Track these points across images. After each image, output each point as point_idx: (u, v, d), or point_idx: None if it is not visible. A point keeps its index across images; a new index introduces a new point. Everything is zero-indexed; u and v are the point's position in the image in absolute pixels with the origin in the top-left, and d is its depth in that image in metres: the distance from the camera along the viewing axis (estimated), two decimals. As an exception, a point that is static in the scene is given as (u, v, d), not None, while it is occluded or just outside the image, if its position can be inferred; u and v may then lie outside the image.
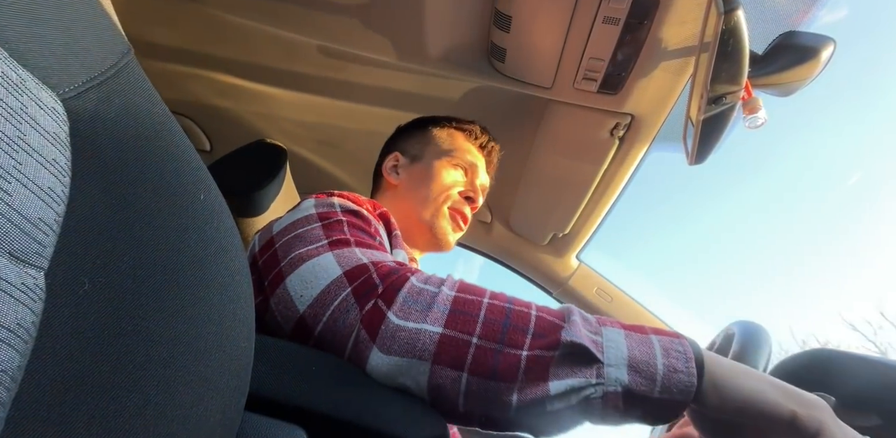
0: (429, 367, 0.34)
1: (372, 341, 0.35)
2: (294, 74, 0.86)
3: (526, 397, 0.33)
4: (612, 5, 0.57)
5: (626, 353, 0.34)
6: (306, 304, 0.38)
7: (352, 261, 0.40)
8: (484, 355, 0.34)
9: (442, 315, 0.36)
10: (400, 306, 0.36)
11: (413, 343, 0.35)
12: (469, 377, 0.34)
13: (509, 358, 0.33)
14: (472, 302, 0.37)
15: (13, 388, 0.15)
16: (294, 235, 0.45)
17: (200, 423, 0.22)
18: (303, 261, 0.41)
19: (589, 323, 0.37)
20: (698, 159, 0.62)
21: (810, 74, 0.54)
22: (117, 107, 0.22)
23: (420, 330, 0.35)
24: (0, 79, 0.16)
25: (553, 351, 0.34)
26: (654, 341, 0.35)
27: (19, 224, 0.16)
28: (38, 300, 0.16)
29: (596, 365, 0.33)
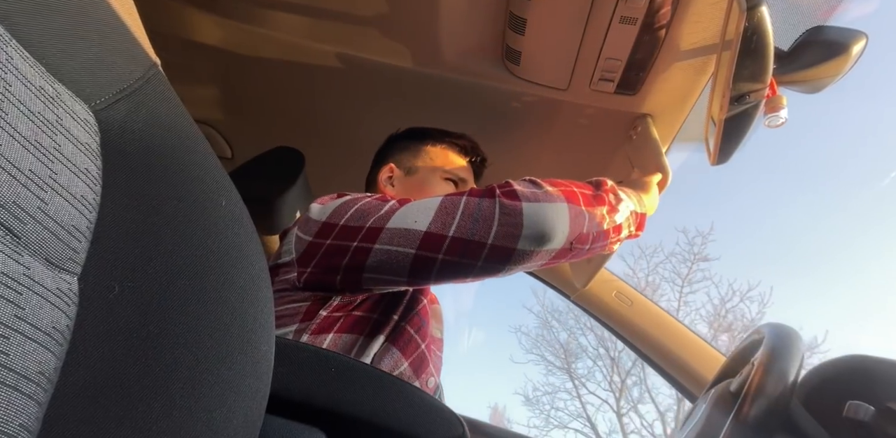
0: (566, 207, 0.48)
1: (517, 200, 0.47)
2: (311, 82, 0.87)
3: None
4: (629, 5, 0.56)
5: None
6: (427, 222, 0.47)
7: (438, 197, 0.51)
8: (581, 194, 0.52)
9: (557, 193, 0.50)
10: (519, 184, 0.49)
11: (547, 193, 0.49)
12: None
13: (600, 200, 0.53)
14: (557, 183, 0.53)
15: (50, 389, 0.15)
16: (355, 210, 0.52)
17: (224, 425, 0.22)
18: (394, 211, 0.50)
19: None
20: (720, 159, 0.60)
21: (840, 70, 0.51)
22: (144, 118, 0.23)
23: (546, 191, 0.50)
24: (38, 93, 0.17)
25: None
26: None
27: (55, 231, 0.16)
28: (73, 304, 0.17)
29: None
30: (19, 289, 0.14)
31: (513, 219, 0.46)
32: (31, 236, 0.16)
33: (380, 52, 0.77)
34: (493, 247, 0.46)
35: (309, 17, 0.75)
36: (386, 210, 0.50)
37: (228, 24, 0.81)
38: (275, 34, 0.80)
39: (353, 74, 0.83)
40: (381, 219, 0.49)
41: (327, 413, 0.33)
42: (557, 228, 0.47)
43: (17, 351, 0.14)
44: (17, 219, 0.15)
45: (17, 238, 0.15)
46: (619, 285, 1.03)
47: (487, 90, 0.78)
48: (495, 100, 0.80)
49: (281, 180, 0.84)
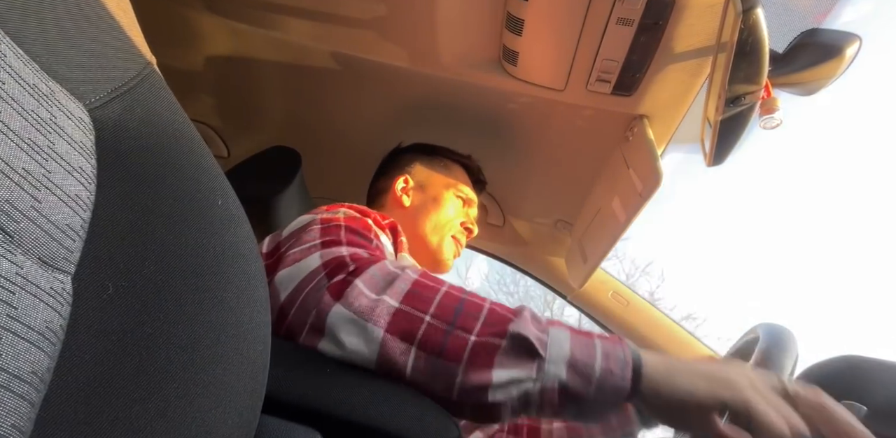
0: (381, 334, 0.36)
1: (335, 300, 0.38)
2: (308, 81, 0.87)
3: (469, 380, 0.35)
4: (626, 6, 0.57)
5: (568, 352, 0.36)
6: (286, 294, 0.41)
7: (332, 254, 0.43)
8: (434, 333, 0.36)
9: (401, 291, 0.38)
10: (367, 277, 0.39)
11: (372, 309, 0.37)
12: (417, 351, 0.36)
13: (458, 340, 0.36)
14: (431, 288, 0.39)
15: (42, 389, 0.15)
16: (296, 239, 0.48)
17: (218, 426, 0.22)
18: (294, 262, 0.44)
19: (538, 321, 0.39)
20: (716, 160, 0.61)
21: (834, 73, 0.52)
22: (140, 116, 0.22)
23: (380, 300, 0.38)
24: (31, 91, 0.17)
25: (500, 339, 0.36)
26: (596, 344, 0.37)
27: (48, 230, 0.16)
28: (66, 303, 0.17)
29: (538, 359, 0.35)
30: (12, 289, 0.14)
31: (319, 322, 0.37)
32: (25, 235, 0.15)
33: (377, 51, 0.77)
34: (303, 345, 0.38)
35: (306, 16, 0.75)
36: (296, 252, 0.44)
37: (225, 23, 0.81)
38: (272, 33, 0.80)
39: (350, 74, 0.83)
40: (283, 265, 0.44)
41: (323, 414, 0.33)
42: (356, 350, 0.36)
43: (10, 351, 0.14)
44: (9, 218, 0.15)
45: (10, 237, 0.15)
46: (616, 285, 1.03)
47: (484, 90, 0.78)
48: (492, 101, 0.80)
49: (277, 180, 0.84)
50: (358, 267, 0.40)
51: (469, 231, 0.76)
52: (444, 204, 0.74)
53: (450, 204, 0.75)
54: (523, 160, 0.90)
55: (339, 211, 0.53)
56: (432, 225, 0.73)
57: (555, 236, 1.03)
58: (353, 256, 0.42)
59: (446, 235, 0.73)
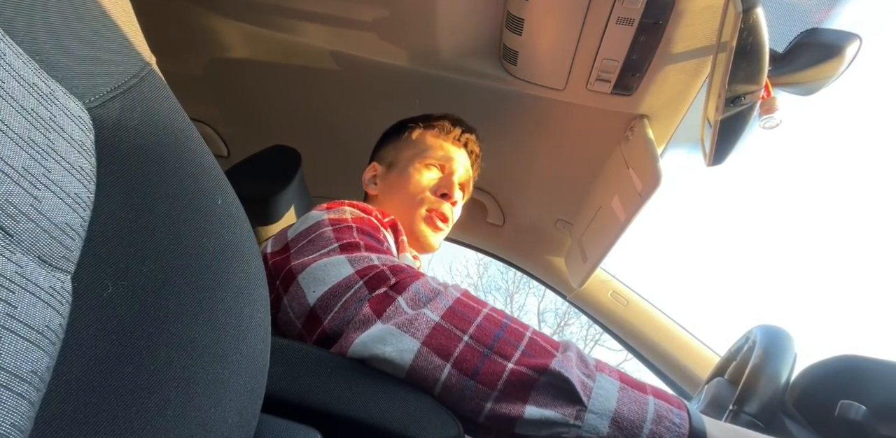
0: (418, 347, 0.35)
1: (378, 318, 0.37)
2: (308, 80, 0.87)
3: (500, 409, 0.33)
4: (626, 5, 0.57)
5: (615, 406, 0.33)
6: (317, 297, 0.40)
7: (363, 262, 0.42)
8: (471, 354, 0.35)
9: (442, 307, 0.37)
10: (411, 295, 0.38)
11: (411, 321, 0.36)
12: (451, 369, 0.35)
13: (494, 366, 0.34)
14: (473, 308, 0.38)
15: (42, 389, 0.15)
16: (308, 240, 0.47)
17: (219, 425, 0.22)
18: (315, 261, 0.43)
19: (585, 363, 0.36)
20: (716, 160, 0.61)
21: (834, 72, 0.52)
22: (139, 115, 0.22)
23: (420, 313, 0.37)
24: (31, 90, 0.17)
25: (539, 374, 0.34)
26: (649, 403, 0.34)
27: (48, 229, 0.16)
28: (66, 303, 0.17)
29: (578, 406, 0.33)
30: (11, 288, 0.14)
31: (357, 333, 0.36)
32: (24, 234, 0.15)
33: (377, 51, 0.77)
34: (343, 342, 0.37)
35: (307, 16, 0.75)
36: (315, 255, 0.43)
37: (225, 22, 0.81)
38: (272, 33, 0.80)
39: (350, 73, 0.83)
40: (300, 265, 0.43)
41: (323, 413, 0.33)
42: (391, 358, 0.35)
43: (9, 350, 0.14)
44: (9, 217, 0.15)
45: (10, 236, 0.15)
46: (615, 285, 1.03)
47: (484, 90, 0.78)
48: (492, 100, 0.80)
49: (277, 179, 0.84)
50: (399, 280, 0.40)
51: (446, 196, 0.66)
52: (409, 178, 0.66)
53: (415, 176, 0.66)
54: (523, 159, 0.90)
55: (344, 210, 0.52)
56: (398, 204, 0.65)
57: (555, 236, 1.03)
58: (392, 268, 0.41)
59: (417, 211, 0.65)
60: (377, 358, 0.36)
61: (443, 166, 0.68)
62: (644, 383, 0.36)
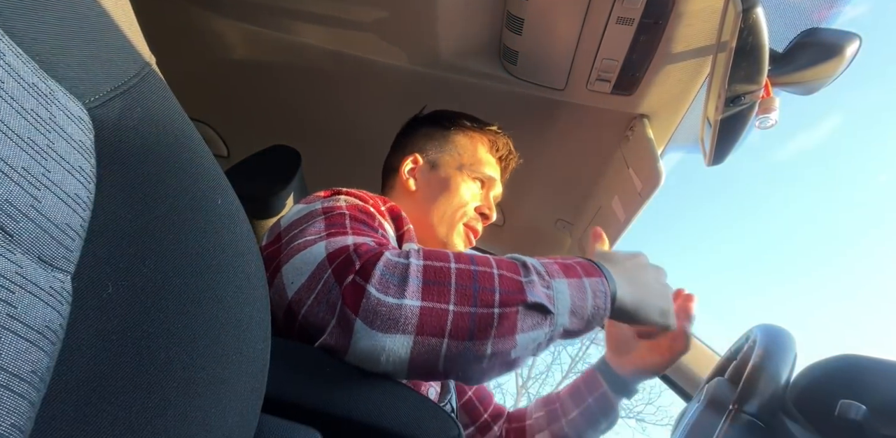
0: (412, 339, 0.36)
1: (355, 314, 0.36)
2: (308, 80, 0.87)
3: (497, 348, 0.37)
4: (626, 5, 0.56)
5: (570, 302, 0.39)
6: (294, 290, 0.40)
7: (337, 244, 0.41)
8: (462, 319, 0.36)
9: (417, 288, 0.37)
10: (378, 279, 0.37)
11: (396, 318, 0.36)
12: (449, 341, 0.36)
13: (484, 318, 0.36)
14: (442, 270, 0.38)
15: (42, 388, 0.15)
16: (299, 229, 0.46)
17: (219, 425, 0.22)
18: (299, 251, 0.42)
19: (542, 277, 0.40)
20: (716, 160, 0.60)
21: (834, 72, 0.52)
22: (139, 116, 0.22)
23: (401, 305, 0.36)
24: (31, 90, 0.17)
25: (516, 306, 0.38)
26: (586, 285, 0.41)
27: (48, 229, 0.16)
28: (66, 303, 0.17)
29: (549, 316, 0.38)
30: (11, 288, 0.14)
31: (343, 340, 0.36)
32: (24, 234, 0.15)
33: (377, 51, 0.77)
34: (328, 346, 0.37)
35: (307, 16, 0.75)
36: (301, 242, 0.43)
37: (226, 22, 0.81)
38: (273, 33, 0.80)
39: (350, 73, 0.83)
40: (286, 255, 0.42)
41: (323, 414, 0.33)
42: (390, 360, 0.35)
43: (9, 350, 0.14)
44: (9, 217, 0.15)
45: (10, 236, 0.15)
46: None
47: (485, 90, 0.78)
48: (492, 100, 0.80)
49: (277, 179, 0.84)
50: (363, 264, 0.38)
51: (486, 216, 0.68)
52: (456, 187, 0.65)
53: (462, 187, 0.65)
54: (523, 159, 0.90)
55: (339, 198, 0.51)
56: (441, 212, 0.64)
57: (555, 236, 1.03)
58: (357, 248, 0.40)
59: (457, 224, 0.65)
60: (381, 364, 0.36)
61: (484, 182, 0.68)
62: (574, 265, 0.42)
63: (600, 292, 0.41)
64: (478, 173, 0.67)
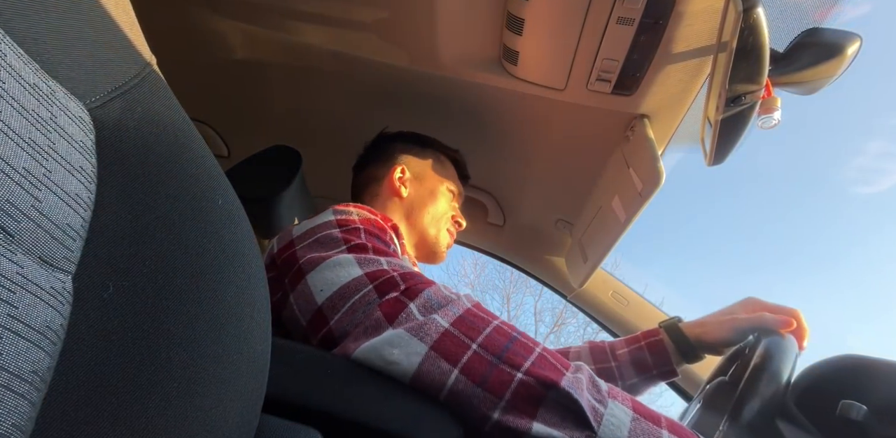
0: (426, 350, 0.35)
1: (389, 323, 0.37)
2: (309, 81, 0.87)
3: (506, 421, 0.33)
4: (626, 5, 0.56)
5: (626, 436, 0.32)
6: (325, 297, 0.41)
7: (372, 265, 0.43)
8: (479, 362, 0.34)
9: (453, 315, 0.37)
10: (423, 301, 0.38)
11: (422, 325, 0.36)
12: (459, 375, 0.34)
13: (503, 375, 0.34)
14: (483, 318, 0.38)
15: (43, 389, 0.15)
16: (314, 239, 0.47)
17: (219, 425, 0.22)
18: (323, 260, 0.43)
19: (598, 388, 0.35)
20: (717, 160, 0.60)
21: (835, 72, 0.52)
22: (140, 116, 0.22)
23: (431, 318, 0.37)
24: (32, 90, 0.17)
25: (546, 389, 0.33)
26: (663, 436, 0.33)
27: (49, 229, 0.16)
28: (66, 303, 0.17)
29: (587, 432, 0.32)
30: (12, 288, 0.14)
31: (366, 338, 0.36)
32: (25, 234, 0.15)
33: (377, 51, 0.77)
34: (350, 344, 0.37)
35: (307, 16, 0.75)
36: (323, 254, 0.44)
37: (226, 22, 0.81)
38: (273, 33, 0.80)
39: (350, 74, 0.83)
40: (308, 263, 0.43)
41: (323, 414, 0.33)
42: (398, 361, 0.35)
43: (10, 350, 0.14)
44: (10, 218, 0.15)
45: (11, 236, 0.15)
46: (616, 285, 1.03)
47: (485, 90, 0.78)
48: (492, 100, 0.80)
49: (278, 179, 0.84)
50: (409, 286, 0.40)
51: (458, 224, 0.78)
52: (439, 197, 0.75)
53: (443, 197, 0.75)
54: (523, 159, 0.90)
55: (351, 211, 0.53)
56: (430, 217, 0.73)
57: (555, 236, 1.03)
58: (402, 274, 0.41)
59: (443, 228, 0.75)
60: (384, 359, 0.35)
61: (455, 195, 0.79)
62: (659, 414, 0.35)
63: None
64: (452, 186, 0.78)
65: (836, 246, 7.79)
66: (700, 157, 0.64)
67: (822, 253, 7.64)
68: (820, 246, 7.72)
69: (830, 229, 8.13)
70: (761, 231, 8.02)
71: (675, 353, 0.62)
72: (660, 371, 0.62)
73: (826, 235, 7.99)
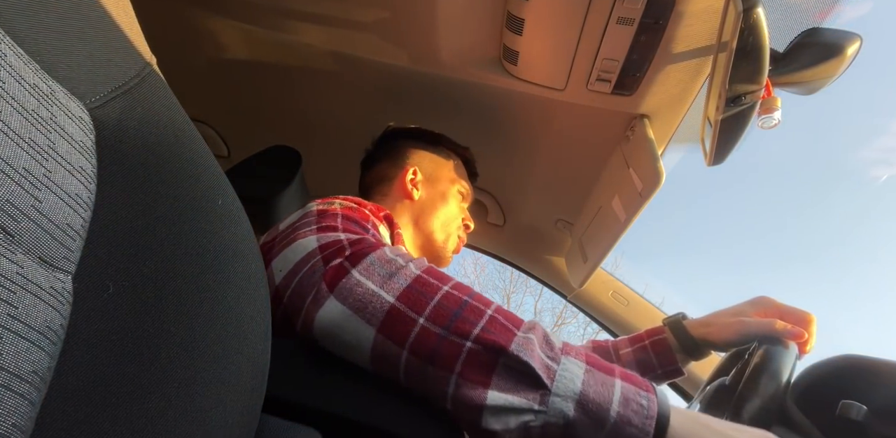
0: (373, 334, 0.34)
1: (330, 291, 0.36)
2: (309, 80, 0.87)
3: (462, 394, 0.32)
4: (626, 5, 0.56)
5: (580, 388, 0.32)
6: (282, 277, 0.40)
7: (329, 237, 0.41)
8: (427, 336, 0.33)
9: (399, 287, 0.36)
10: (365, 266, 0.37)
11: (366, 303, 0.35)
12: (408, 355, 0.33)
13: (451, 347, 0.33)
14: (432, 285, 0.36)
15: (43, 389, 0.15)
16: (292, 227, 0.47)
17: (220, 425, 0.22)
18: (289, 244, 0.43)
19: (551, 345, 0.35)
20: (717, 160, 0.60)
21: (835, 72, 0.52)
22: (140, 116, 0.22)
23: (375, 293, 0.35)
24: (32, 91, 0.17)
25: (497, 355, 0.32)
26: (616, 385, 0.33)
27: (49, 229, 0.16)
28: (66, 303, 0.17)
29: (541, 390, 0.32)
30: (13, 288, 0.14)
31: (311, 312, 0.36)
32: (25, 234, 0.15)
33: (377, 51, 0.77)
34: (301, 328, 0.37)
35: (307, 16, 0.75)
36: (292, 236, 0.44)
37: (226, 22, 0.81)
38: (273, 33, 0.80)
39: (350, 74, 0.83)
40: (279, 249, 0.43)
41: (323, 414, 0.33)
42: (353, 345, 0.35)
43: (10, 350, 0.14)
44: (10, 218, 0.15)
45: (11, 236, 0.15)
46: (616, 285, 1.03)
47: (485, 90, 0.78)
48: (492, 100, 0.80)
49: (278, 179, 0.84)
50: (354, 251, 0.38)
51: (468, 227, 0.77)
52: (450, 200, 0.73)
53: (454, 200, 0.74)
54: (524, 159, 0.90)
55: (334, 202, 0.53)
56: (440, 221, 0.71)
57: (555, 236, 1.03)
58: (351, 241, 0.40)
59: (453, 233, 0.73)
60: (342, 341, 0.35)
61: (464, 197, 0.77)
62: (613, 365, 0.35)
63: (637, 404, 0.32)
64: (462, 187, 0.76)
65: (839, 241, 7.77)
66: (700, 157, 0.64)
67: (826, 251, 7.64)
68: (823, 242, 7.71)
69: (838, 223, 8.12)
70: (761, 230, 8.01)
71: (679, 352, 0.61)
72: (664, 370, 0.61)
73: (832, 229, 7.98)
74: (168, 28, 0.83)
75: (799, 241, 8.02)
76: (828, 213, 8.52)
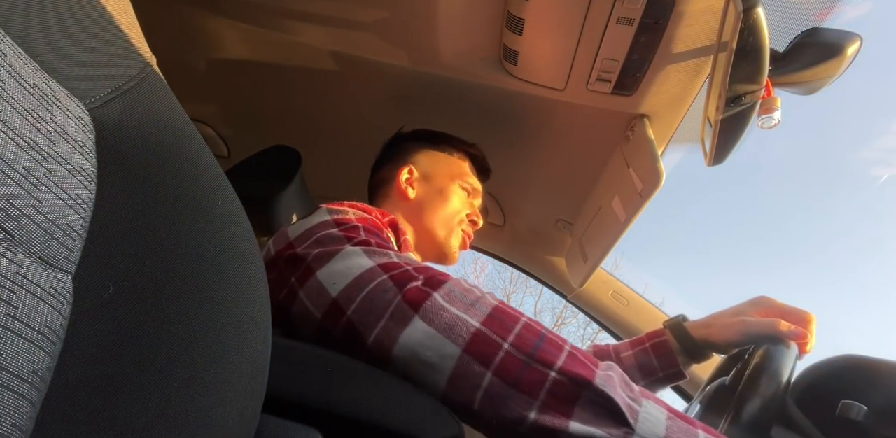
0: (458, 353, 0.35)
1: (414, 312, 0.37)
2: (308, 80, 0.87)
3: (542, 421, 0.33)
4: (626, 5, 0.56)
5: (664, 433, 0.32)
6: (339, 289, 0.41)
7: (382, 257, 0.42)
8: (512, 362, 0.34)
9: (482, 314, 0.37)
10: (446, 291, 0.38)
11: (452, 325, 0.36)
12: (493, 377, 0.34)
13: (536, 374, 0.34)
14: (511, 316, 0.38)
15: (43, 389, 0.15)
16: (314, 239, 0.46)
17: (220, 425, 0.22)
18: (331, 256, 0.43)
19: (630, 387, 0.35)
20: (716, 160, 0.60)
21: (835, 72, 0.52)
22: (140, 116, 0.22)
23: (461, 317, 0.36)
24: (32, 91, 0.17)
25: (580, 388, 0.33)
26: (700, 436, 0.33)
27: (49, 229, 0.16)
28: (66, 303, 0.17)
29: (625, 428, 0.32)
30: (12, 288, 0.14)
31: (395, 331, 0.36)
32: (25, 234, 0.15)
33: (378, 51, 0.77)
34: (375, 343, 0.37)
35: (307, 16, 0.75)
36: (330, 249, 0.44)
37: (226, 22, 0.81)
38: (273, 33, 0.80)
39: (350, 73, 0.83)
40: (316, 261, 0.43)
41: (323, 413, 0.33)
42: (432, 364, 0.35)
43: (10, 351, 0.14)
44: (10, 218, 0.15)
45: (11, 236, 0.15)
46: (616, 285, 1.03)
47: (485, 90, 0.78)
48: (492, 100, 0.80)
49: (278, 179, 0.84)
50: (428, 277, 0.40)
51: (474, 223, 0.75)
52: (451, 195, 0.72)
53: (455, 195, 0.72)
54: (524, 159, 0.90)
55: (346, 210, 0.52)
56: (440, 218, 0.71)
57: (555, 236, 1.03)
58: (416, 268, 0.41)
59: (455, 228, 0.72)
60: (421, 361, 0.36)
61: (471, 193, 0.75)
62: (693, 419, 0.36)
63: None
64: (466, 183, 0.75)
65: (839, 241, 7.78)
66: (700, 157, 0.64)
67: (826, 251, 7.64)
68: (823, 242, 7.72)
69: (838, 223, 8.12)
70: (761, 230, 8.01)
71: (681, 354, 0.61)
72: (666, 373, 0.61)
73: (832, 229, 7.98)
74: (168, 28, 0.83)
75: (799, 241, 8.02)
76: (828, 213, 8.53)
